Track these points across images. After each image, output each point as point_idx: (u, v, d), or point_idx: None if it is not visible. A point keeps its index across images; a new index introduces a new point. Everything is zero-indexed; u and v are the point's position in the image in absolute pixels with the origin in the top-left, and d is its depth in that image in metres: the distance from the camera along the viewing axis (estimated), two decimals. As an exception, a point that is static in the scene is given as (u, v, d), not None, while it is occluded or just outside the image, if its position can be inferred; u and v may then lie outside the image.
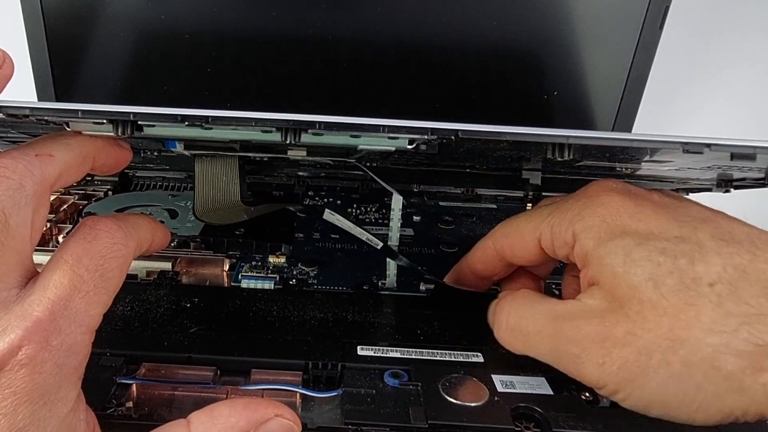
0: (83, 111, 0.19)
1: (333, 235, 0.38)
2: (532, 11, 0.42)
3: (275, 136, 0.21)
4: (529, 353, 0.24)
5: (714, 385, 0.19)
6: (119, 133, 0.21)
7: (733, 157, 0.20)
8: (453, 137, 0.20)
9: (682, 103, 0.56)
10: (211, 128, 0.21)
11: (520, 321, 0.24)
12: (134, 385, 0.24)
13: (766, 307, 0.19)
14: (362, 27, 0.42)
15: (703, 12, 0.52)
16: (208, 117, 0.20)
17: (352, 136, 0.21)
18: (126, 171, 0.43)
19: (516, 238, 0.26)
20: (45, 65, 0.42)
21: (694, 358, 0.19)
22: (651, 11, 0.42)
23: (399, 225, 0.32)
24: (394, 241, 0.32)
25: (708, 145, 0.20)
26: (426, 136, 0.20)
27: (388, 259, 0.32)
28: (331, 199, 0.43)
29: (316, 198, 0.44)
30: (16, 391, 0.18)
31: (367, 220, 0.41)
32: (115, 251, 0.21)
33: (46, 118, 0.20)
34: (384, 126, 0.20)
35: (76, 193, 0.41)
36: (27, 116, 0.20)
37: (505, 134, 0.20)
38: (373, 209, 0.42)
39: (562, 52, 0.44)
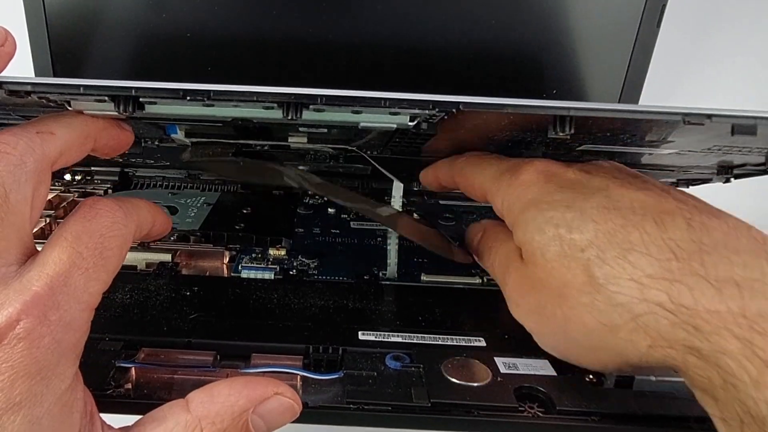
0: (85, 86, 0.19)
1: (333, 230, 0.38)
2: (529, 11, 0.43)
3: (277, 113, 0.21)
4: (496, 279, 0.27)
5: (586, 339, 0.21)
6: (121, 111, 0.21)
7: (734, 130, 0.20)
8: (454, 110, 0.20)
9: (680, 101, 0.56)
10: (212, 105, 0.21)
11: (496, 260, 0.27)
12: (133, 368, 0.23)
13: (622, 269, 0.20)
14: (362, 28, 0.42)
15: (700, 7, 0.53)
16: (209, 92, 0.20)
17: (353, 111, 0.21)
18: (126, 170, 0.43)
19: (469, 184, 0.29)
20: (47, 65, 0.42)
21: (570, 313, 0.21)
22: (648, 10, 0.42)
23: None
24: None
25: (709, 116, 0.20)
26: (427, 111, 0.20)
27: (389, 250, 0.32)
28: (331, 198, 0.43)
29: (317, 197, 0.43)
30: (14, 365, 0.17)
31: (366, 217, 0.41)
32: (115, 230, 0.21)
33: (48, 95, 0.20)
34: (385, 99, 0.20)
35: (76, 191, 0.41)
36: (29, 93, 0.20)
37: (506, 106, 0.20)
38: (374, 207, 0.42)
39: (560, 51, 0.44)
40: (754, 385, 0.17)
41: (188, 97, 0.20)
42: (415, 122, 0.22)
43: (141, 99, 0.21)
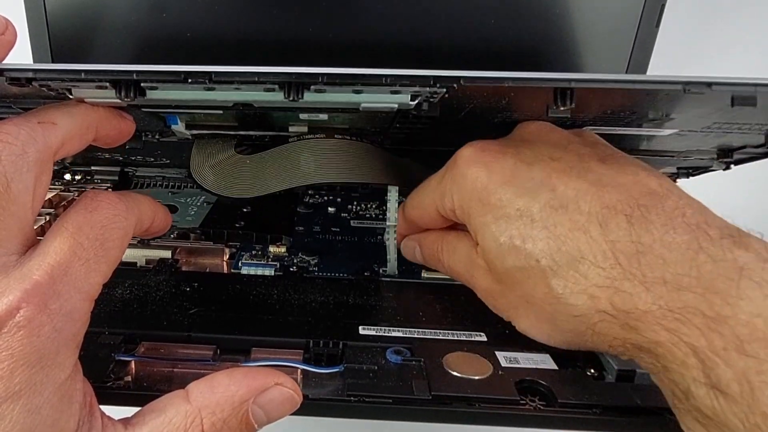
0: (86, 71, 0.20)
1: (334, 229, 0.38)
2: (528, 11, 0.43)
3: (278, 96, 0.21)
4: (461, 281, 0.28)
5: (560, 335, 0.23)
6: (122, 97, 0.21)
7: (734, 101, 0.20)
8: (455, 85, 0.20)
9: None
10: (213, 88, 0.21)
11: (451, 262, 0.28)
12: (133, 362, 0.23)
13: (575, 282, 0.22)
14: (361, 28, 0.43)
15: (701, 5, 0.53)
16: (211, 73, 0.20)
17: (354, 92, 0.21)
18: (126, 169, 0.43)
19: (421, 211, 0.29)
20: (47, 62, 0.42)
21: (540, 316, 0.23)
22: (647, 9, 0.43)
23: (396, 206, 0.31)
24: (392, 215, 0.31)
25: (709, 85, 0.20)
26: (428, 87, 0.20)
27: (388, 247, 0.32)
28: (331, 197, 0.43)
29: (317, 196, 0.43)
30: (14, 353, 0.17)
31: (367, 215, 0.41)
32: (116, 222, 0.21)
33: (49, 83, 0.20)
34: (386, 76, 0.20)
35: (76, 190, 0.41)
36: (30, 80, 0.20)
37: (507, 79, 0.20)
38: (374, 206, 0.42)
39: (559, 51, 0.44)
40: (681, 365, 0.19)
41: (189, 80, 0.20)
42: (417, 101, 0.22)
43: (142, 83, 0.20)
